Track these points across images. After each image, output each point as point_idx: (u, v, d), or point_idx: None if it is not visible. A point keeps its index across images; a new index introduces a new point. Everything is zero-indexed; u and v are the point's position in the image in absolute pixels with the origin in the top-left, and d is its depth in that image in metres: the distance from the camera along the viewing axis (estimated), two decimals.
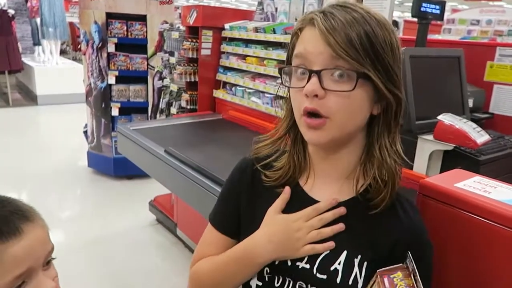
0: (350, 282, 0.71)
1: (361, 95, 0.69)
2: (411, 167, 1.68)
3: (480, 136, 1.52)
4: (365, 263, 0.72)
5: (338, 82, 0.67)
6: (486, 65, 2.01)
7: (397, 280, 0.67)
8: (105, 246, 2.82)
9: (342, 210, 0.75)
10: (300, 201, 0.79)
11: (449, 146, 1.57)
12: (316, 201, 0.77)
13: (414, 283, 0.66)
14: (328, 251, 0.73)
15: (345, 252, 0.73)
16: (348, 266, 0.72)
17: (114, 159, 3.80)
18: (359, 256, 0.72)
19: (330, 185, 0.78)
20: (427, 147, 1.63)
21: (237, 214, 0.86)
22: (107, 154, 3.87)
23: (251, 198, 0.84)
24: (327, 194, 0.77)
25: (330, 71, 0.67)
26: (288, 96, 0.78)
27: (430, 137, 1.61)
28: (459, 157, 1.61)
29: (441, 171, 1.64)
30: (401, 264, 0.70)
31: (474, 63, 1.99)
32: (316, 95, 0.67)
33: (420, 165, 1.66)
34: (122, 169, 3.76)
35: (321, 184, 0.79)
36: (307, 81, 0.68)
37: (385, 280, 0.66)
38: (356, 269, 0.72)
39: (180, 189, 1.94)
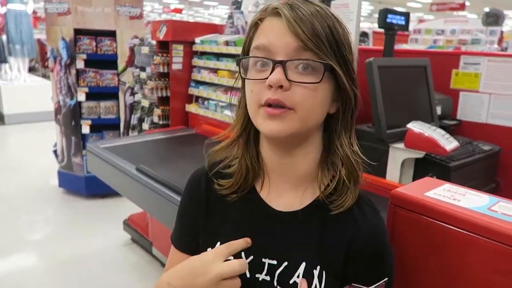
0: None
1: (325, 89, 0.68)
2: (384, 176, 1.70)
3: (449, 143, 1.55)
4: (324, 273, 0.70)
5: (302, 74, 0.65)
6: (451, 73, 2.06)
7: None
8: (79, 267, 2.72)
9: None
10: (258, 209, 0.76)
11: (420, 154, 1.60)
12: (275, 211, 0.75)
13: None
14: (286, 263, 0.71)
15: (303, 264, 0.71)
16: (307, 278, 0.70)
17: (86, 178, 3.69)
18: (318, 267, 0.70)
19: (287, 191, 0.75)
20: (398, 155, 1.65)
21: (195, 229, 0.82)
22: (78, 173, 3.76)
23: (208, 209, 0.81)
24: (284, 200, 0.75)
25: (294, 63, 0.65)
26: (241, 92, 0.75)
27: (401, 145, 1.63)
28: (431, 164, 1.64)
29: (413, 179, 1.66)
30: None
31: (440, 71, 2.05)
32: (281, 86, 0.65)
33: (392, 173, 1.68)
34: (95, 188, 3.65)
35: (278, 190, 0.76)
36: (271, 72, 0.65)
37: None
38: (315, 280, 0.70)
39: (153, 207, 1.89)
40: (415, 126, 1.59)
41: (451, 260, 0.79)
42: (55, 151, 3.93)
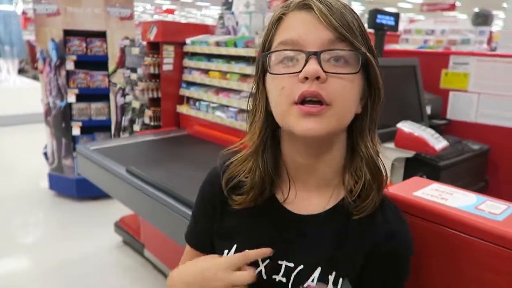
0: None
1: (360, 81, 0.66)
2: None
3: (439, 142, 1.56)
4: (340, 280, 0.68)
5: (336, 66, 0.63)
6: (441, 73, 2.08)
7: None
8: (70, 270, 2.69)
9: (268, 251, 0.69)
10: (276, 213, 0.74)
11: (410, 154, 1.61)
12: (294, 214, 0.73)
13: None
14: (302, 266, 0.69)
15: (319, 269, 0.68)
16: (322, 283, 0.68)
17: (77, 180, 3.66)
18: (334, 273, 0.68)
19: (309, 195, 0.73)
20: (389, 155, 1.66)
21: (209, 230, 0.80)
22: (69, 175, 3.72)
23: (224, 211, 0.79)
24: (306, 204, 0.73)
25: (330, 53, 0.62)
26: (256, 98, 0.71)
27: (391, 145, 1.64)
28: (420, 164, 1.65)
29: (404, 178, 1.67)
30: None
31: (430, 71, 2.06)
32: (317, 78, 0.61)
33: None
34: (86, 190, 3.62)
35: (300, 194, 0.73)
36: (304, 65, 0.62)
37: None
38: (330, 286, 0.67)
39: (143, 209, 1.88)
40: (405, 126, 1.60)
41: (439, 258, 0.79)
42: (45, 153, 3.90)
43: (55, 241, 3.10)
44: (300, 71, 0.62)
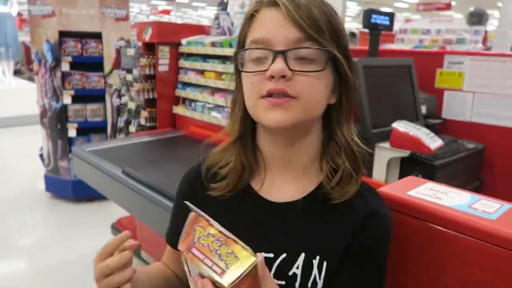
0: (309, 285, 0.68)
1: (328, 77, 0.67)
2: (370, 175, 1.71)
3: (434, 142, 1.56)
4: (325, 263, 0.68)
5: (303, 64, 0.65)
6: (436, 73, 2.08)
7: (204, 239, 0.58)
8: (67, 272, 2.68)
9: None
10: (253, 203, 0.75)
11: (405, 153, 1.61)
12: (271, 202, 0.74)
13: (218, 228, 0.59)
14: (285, 254, 0.70)
15: (303, 255, 0.69)
16: (306, 269, 0.68)
17: (73, 182, 3.65)
18: (318, 257, 0.69)
19: (287, 183, 0.74)
20: (384, 154, 1.66)
21: None
22: (66, 177, 3.71)
23: (201, 206, 0.78)
24: (284, 192, 0.74)
25: (296, 52, 0.64)
26: (236, 91, 0.74)
27: (386, 144, 1.64)
28: (416, 163, 1.65)
29: (400, 178, 1.67)
30: (190, 217, 0.62)
31: (425, 71, 2.06)
32: (283, 76, 0.63)
33: (379, 172, 1.69)
34: (82, 192, 3.61)
35: (278, 183, 0.75)
36: (271, 63, 0.64)
37: (195, 251, 0.58)
38: (315, 270, 0.68)
39: (140, 211, 1.87)
40: (400, 125, 1.60)
41: (433, 257, 0.79)
42: (41, 155, 3.88)
43: (51, 243, 3.09)
44: (268, 70, 0.64)
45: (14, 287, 2.55)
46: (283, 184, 0.75)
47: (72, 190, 3.69)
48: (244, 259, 0.56)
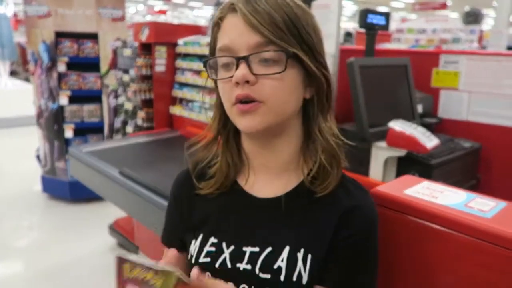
0: (294, 279, 0.68)
1: (293, 77, 0.68)
2: (367, 174, 1.71)
3: (430, 141, 1.57)
4: (309, 256, 0.69)
5: (267, 66, 0.66)
6: (432, 72, 2.09)
7: (133, 273, 0.61)
8: (65, 273, 2.68)
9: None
10: (240, 199, 0.77)
11: (402, 152, 1.61)
12: (256, 198, 0.76)
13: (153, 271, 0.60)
14: (270, 248, 0.71)
15: (287, 248, 0.70)
16: (291, 262, 0.69)
17: (70, 183, 3.64)
18: (302, 250, 0.70)
19: (270, 180, 0.76)
20: (381, 154, 1.66)
21: (181, 227, 0.84)
22: (62, 178, 3.70)
23: (191, 206, 0.83)
24: (268, 189, 0.76)
25: (258, 56, 0.66)
26: (216, 92, 0.75)
27: (383, 144, 1.65)
28: (412, 162, 1.66)
29: (397, 177, 1.68)
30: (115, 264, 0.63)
31: (421, 70, 2.07)
32: (247, 82, 0.65)
33: (376, 171, 1.69)
34: (79, 192, 3.60)
35: (262, 181, 0.77)
36: (236, 69, 0.66)
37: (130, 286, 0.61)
38: (300, 263, 0.69)
39: (137, 211, 1.87)
40: (396, 125, 1.61)
41: (430, 256, 0.80)
42: (38, 156, 3.87)
43: (48, 244, 3.08)
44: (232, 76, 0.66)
45: None
46: (266, 181, 0.77)
47: (69, 191, 3.68)
48: (167, 276, 0.59)
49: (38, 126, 3.73)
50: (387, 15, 1.95)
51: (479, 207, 0.79)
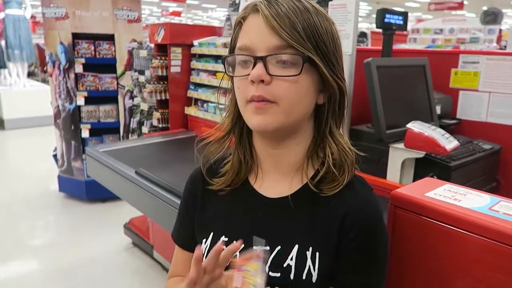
0: (304, 277, 0.70)
1: (307, 81, 0.69)
2: (384, 176, 1.69)
3: (449, 142, 1.54)
4: (318, 254, 0.71)
5: (283, 68, 0.67)
6: (450, 72, 2.06)
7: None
8: (80, 272, 2.71)
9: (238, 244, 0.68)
10: (250, 199, 0.79)
11: (420, 154, 1.59)
12: (266, 198, 0.77)
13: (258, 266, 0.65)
14: (279, 247, 0.72)
15: (296, 246, 0.72)
16: (300, 260, 0.71)
17: (86, 182, 3.69)
18: (311, 248, 0.71)
19: (279, 180, 0.78)
20: (398, 155, 1.64)
21: (192, 226, 0.86)
22: (79, 177, 3.75)
23: (203, 204, 0.85)
24: (277, 189, 0.77)
25: (275, 57, 0.67)
26: (231, 90, 0.77)
27: (401, 145, 1.62)
28: (431, 164, 1.63)
29: (414, 179, 1.65)
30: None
31: (439, 70, 2.04)
32: (262, 81, 0.67)
33: (393, 173, 1.67)
34: (95, 192, 3.65)
35: (271, 180, 0.79)
36: (252, 68, 0.67)
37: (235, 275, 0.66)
38: (309, 261, 0.71)
39: (153, 211, 1.88)
40: (414, 126, 1.58)
41: (452, 260, 0.78)
42: (55, 156, 3.93)
43: (64, 243, 3.13)
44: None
45: (26, 287, 2.58)
46: (276, 180, 0.78)
47: (85, 191, 3.73)
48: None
49: (55, 126, 3.79)
50: (404, 15, 1.92)
51: (504, 210, 0.77)
